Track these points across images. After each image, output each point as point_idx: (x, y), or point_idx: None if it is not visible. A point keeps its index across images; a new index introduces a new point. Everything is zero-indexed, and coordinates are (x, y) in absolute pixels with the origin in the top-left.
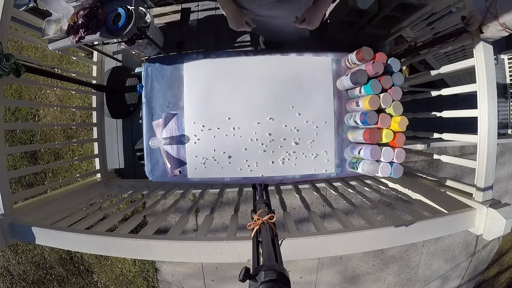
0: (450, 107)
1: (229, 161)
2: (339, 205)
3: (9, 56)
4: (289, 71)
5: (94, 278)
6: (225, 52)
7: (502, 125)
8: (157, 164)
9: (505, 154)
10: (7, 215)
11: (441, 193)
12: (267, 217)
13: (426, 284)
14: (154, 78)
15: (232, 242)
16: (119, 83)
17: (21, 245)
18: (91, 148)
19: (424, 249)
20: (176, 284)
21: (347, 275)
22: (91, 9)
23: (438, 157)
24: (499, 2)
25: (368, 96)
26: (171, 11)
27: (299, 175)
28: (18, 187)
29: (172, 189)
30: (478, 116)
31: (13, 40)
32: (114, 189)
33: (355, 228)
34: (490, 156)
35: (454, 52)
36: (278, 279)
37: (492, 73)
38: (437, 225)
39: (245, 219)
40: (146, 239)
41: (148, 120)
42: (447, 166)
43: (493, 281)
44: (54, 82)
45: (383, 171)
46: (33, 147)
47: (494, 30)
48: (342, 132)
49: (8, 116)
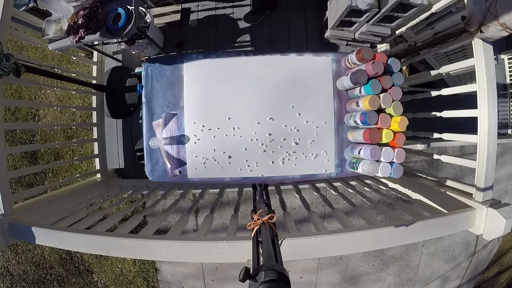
0: (450, 107)
1: (229, 161)
2: (339, 205)
3: (9, 56)
4: (289, 71)
5: (94, 278)
6: (225, 52)
7: (502, 125)
8: (157, 164)
9: (505, 154)
10: (7, 215)
11: (441, 193)
12: (267, 217)
13: (426, 284)
14: (154, 78)
15: (232, 242)
16: (119, 83)
17: (21, 245)
18: (91, 148)
19: (424, 249)
20: (176, 284)
21: (347, 275)
22: (91, 9)
23: (438, 157)
24: (499, 2)
25: (368, 96)
26: (171, 11)
27: (299, 175)
28: (18, 187)
29: (172, 189)
30: (478, 116)
31: (13, 40)
32: (114, 189)
33: (355, 228)
34: (490, 156)
35: (454, 52)
36: (278, 279)
37: (492, 73)
38: (437, 225)
39: (245, 219)
40: (146, 239)
41: (148, 120)
42: (447, 166)
43: (493, 281)
44: (54, 82)
45: (383, 171)
46: (33, 147)
47: (494, 30)
48: (342, 132)
49: (8, 116)
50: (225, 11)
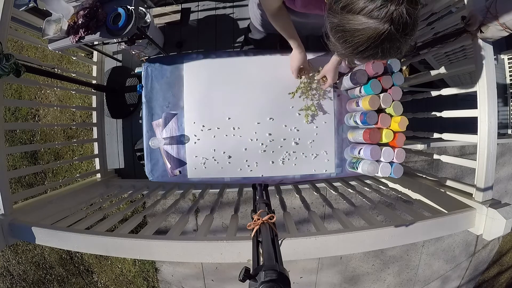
0: (450, 107)
1: (229, 161)
2: (339, 205)
3: (9, 56)
4: (289, 71)
5: (94, 278)
6: (225, 52)
7: (502, 125)
8: (157, 164)
9: (505, 154)
10: (7, 215)
11: (441, 193)
12: (267, 217)
13: (426, 284)
14: (154, 78)
15: (232, 242)
16: (119, 83)
17: (21, 245)
18: (91, 148)
19: (424, 249)
20: (176, 284)
21: (347, 275)
22: (91, 9)
23: (438, 157)
24: (499, 2)
25: (368, 96)
26: (171, 11)
27: (299, 175)
28: (18, 187)
29: (172, 189)
30: (478, 116)
31: (13, 40)
32: (114, 189)
33: (355, 228)
34: (490, 156)
35: (454, 52)
36: (278, 279)
37: (492, 73)
38: (437, 225)
39: (245, 219)
40: (146, 239)
41: (148, 120)
42: (447, 166)
43: (493, 281)
44: (54, 82)
45: (383, 171)
46: (33, 147)
47: (494, 30)
48: (342, 132)
49: (8, 116)
50: (225, 11)
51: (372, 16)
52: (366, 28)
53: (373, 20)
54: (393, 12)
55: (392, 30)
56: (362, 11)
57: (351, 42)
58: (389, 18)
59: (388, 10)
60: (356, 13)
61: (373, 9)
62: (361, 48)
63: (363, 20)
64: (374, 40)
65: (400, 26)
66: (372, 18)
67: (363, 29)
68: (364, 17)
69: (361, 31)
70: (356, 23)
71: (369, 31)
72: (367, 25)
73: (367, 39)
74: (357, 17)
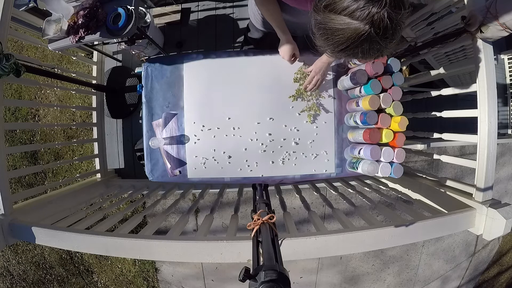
0: (450, 107)
1: (229, 161)
2: (339, 205)
3: (9, 56)
4: (289, 71)
5: (94, 278)
6: (225, 52)
7: (502, 125)
8: (157, 164)
9: (505, 154)
10: (7, 215)
11: (441, 193)
12: (267, 217)
13: (426, 284)
14: (154, 78)
15: (232, 242)
16: (119, 83)
17: (21, 245)
18: (91, 148)
19: (424, 249)
20: (176, 284)
21: (347, 275)
22: (91, 9)
23: (438, 157)
24: (499, 2)
25: (368, 96)
26: (171, 11)
27: (299, 175)
28: (18, 187)
29: (172, 189)
30: (478, 116)
31: (13, 40)
32: (114, 189)
33: (355, 228)
34: (490, 156)
35: (454, 52)
36: (278, 279)
37: (492, 73)
38: (437, 225)
39: (245, 219)
40: (146, 239)
41: (148, 120)
42: (447, 166)
43: (493, 281)
44: (54, 82)
45: (383, 171)
46: (33, 147)
47: (494, 30)
48: (342, 132)
49: (8, 116)
50: (225, 11)
51: (353, 17)
52: (346, 28)
53: (354, 20)
54: (374, 15)
55: (371, 32)
56: (344, 11)
57: (332, 40)
58: (369, 20)
59: (370, 12)
60: (338, 12)
61: (355, 9)
62: (341, 46)
63: (345, 20)
64: (353, 41)
65: (380, 30)
66: (353, 18)
67: (343, 29)
68: (345, 17)
69: (341, 31)
70: (337, 23)
71: (348, 31)
72: (348, 25)
73: (346, 39)
74: (339, 17)
